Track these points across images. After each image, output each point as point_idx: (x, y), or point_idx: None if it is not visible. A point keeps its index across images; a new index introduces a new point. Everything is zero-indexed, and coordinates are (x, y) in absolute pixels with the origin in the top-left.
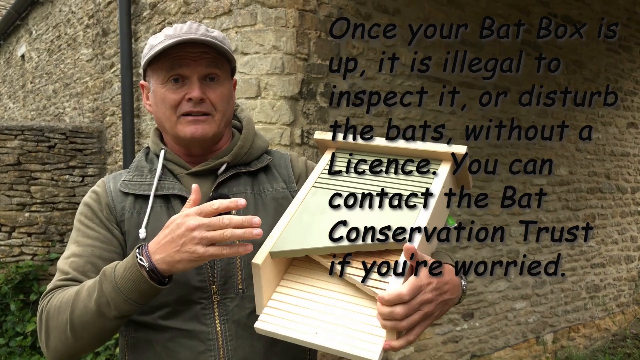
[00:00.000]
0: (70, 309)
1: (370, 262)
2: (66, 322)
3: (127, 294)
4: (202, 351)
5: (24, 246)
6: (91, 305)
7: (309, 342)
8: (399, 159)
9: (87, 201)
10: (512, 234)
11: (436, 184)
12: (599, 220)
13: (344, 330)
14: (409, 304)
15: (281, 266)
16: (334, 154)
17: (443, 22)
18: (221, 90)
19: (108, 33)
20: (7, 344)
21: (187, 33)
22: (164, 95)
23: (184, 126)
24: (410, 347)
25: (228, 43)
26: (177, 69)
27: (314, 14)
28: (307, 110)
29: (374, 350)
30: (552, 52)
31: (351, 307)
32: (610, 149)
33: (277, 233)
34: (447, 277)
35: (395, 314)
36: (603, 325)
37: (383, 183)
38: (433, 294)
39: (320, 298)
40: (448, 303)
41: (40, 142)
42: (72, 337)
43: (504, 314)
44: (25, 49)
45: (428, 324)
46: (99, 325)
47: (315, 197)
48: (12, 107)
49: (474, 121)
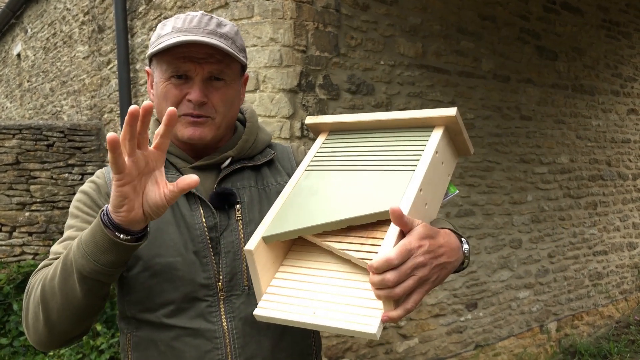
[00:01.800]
0: (43, 279)
1: (364, 235)
2: (40, 294)
3: (85, 248)
4: (209, 350)
5: (25, 246)
6: (58, 268)
7: (307, 323)
8: (390, 131)
9: (86, 189)
10: (515, 223)
11: (427, 148)
12: (600, 207)
13: (342, 307)
14: (400, 269)
15: (278, 251)
16: (327, 138)
17: (441, 11)
18: (225, 92)
19: (104, 29)
20: (11, 343)
21: (196, 28)
22: (165, 90)
23: (183, 126)
24: (414, 338)
25: (240, 39)
26: (181, 68)
27: (311, 5)
28: (306, 102)
29: (373, 324)
30: (551, 40)
31: (349, 283)
32: (611, 136)
33: (269, 218)
34: (441, 239)
35: (387, 280)
36: (606, 312)
37: (376, 157)
38: (426, 257)
39: (318, 279)
40: (446, 267)
41: (38, 140)
42: (43, 309)
43: (508, 303)
44: (21, 48)
45: (426, 290)
46: (65, 291)
47: (308, 180)
48: (10, 106)
49: (475, 110)
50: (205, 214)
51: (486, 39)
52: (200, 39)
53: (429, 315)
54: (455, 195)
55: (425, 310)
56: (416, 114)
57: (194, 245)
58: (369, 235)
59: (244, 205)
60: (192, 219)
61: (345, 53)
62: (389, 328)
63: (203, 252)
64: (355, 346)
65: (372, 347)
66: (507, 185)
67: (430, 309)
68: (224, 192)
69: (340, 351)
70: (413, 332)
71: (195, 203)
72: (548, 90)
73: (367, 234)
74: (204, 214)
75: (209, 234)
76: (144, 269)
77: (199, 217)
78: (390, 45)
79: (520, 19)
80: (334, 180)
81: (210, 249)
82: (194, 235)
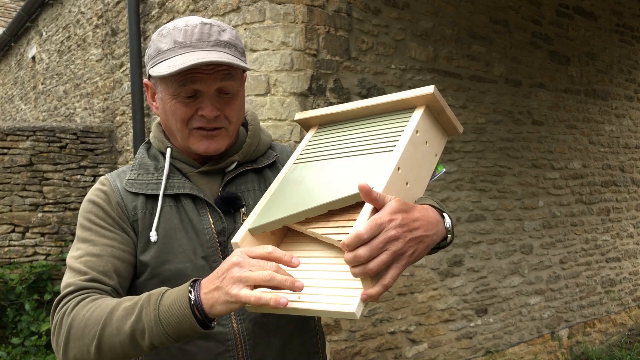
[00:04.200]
0: (101, 325)
1: (345, 218)
2: (93, 337)
3: (167, 329)
4: (221, 352)
5: (38, 246)
6: (125, 329)
7: (293, 308)
8: (375, 117)
9: (96, 200)
10: (526, 228)
11: (407, 128)
12: (613, 213)
13: (325, 290)
14: (371, 244)
15: (269, 244)
16: (316, 132)
17: (453, 16)
18: (235, 102)
19: (117, 33)
20: (22, 343)
21: (200, 41)
22: (174, 108)
23: (197, 140)
24: (424, 344)
25: (240, 42)
26: (190, 85)
27: (322, 9)
28: (316, 106)
29: (352, 303)
30: (563, 44)
31: (332, 267)
32: (625, 142)
33: (256, 211)
34: (417, 213)
35: (359, 256)
36: (619, 320)
37: (359, 142)
38: (398, 230)
39: (305, 266)
40: (423, 241)
41: (51, 142)
42: (96, 353)
43: (518, 309)
44: (36, 51)
45: (403, 265)
46: (127, 350)
47: (294, 172)
48: (24, 108)
49: (486, 115)
50: (214, 218)
51: (498, 43)
52: (210, 58)
53: (438, 320)
54: (444, 173)
55: (434, 315)
56: (397, 96)
57: (203, 250)
58: (350, 218)
59: (249, 209)
60: (201, 224)
61: (356, 57)
62: (398, 332)
63: (213, 256)
64: (364, 350)
65: (380, 351)
66: (518, 191)
67: (440, 314)
68: (230, 196)
69: (349, 355)
70: (422, 337)
71: (202, 208)
72: (560, 95)
73: (347, 217)
74: (212, 219)
75: (218, 239)
76: (153, 275)
77: (208, 222)
78: (401, 49)
79: (532, 23)
80: (318, 170)
81: (219, 253)
82: (203, 240)
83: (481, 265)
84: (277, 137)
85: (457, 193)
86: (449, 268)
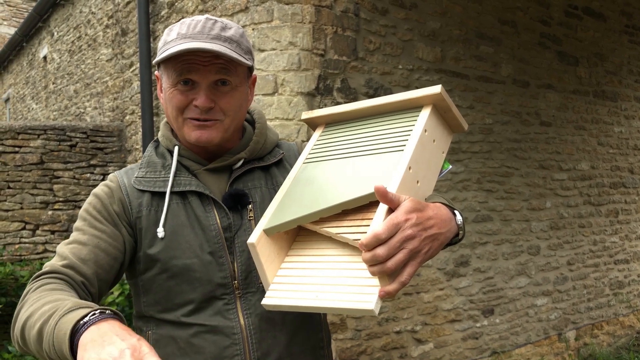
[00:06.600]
0: (29, 313)
1: (359, 217)
2: (23, 322)
3: (54, 343)
4: (228, 345)
5: (48, 243)
6: (37, 327)
7: (310, 307)
8: (382, 116)
9: (98, 193)
10: (533, 229)
11: (416, 128)
12: (622, 215)
13: (341, 288)
14: (389, 244)
15: (282, 243)
16: (323, 131)
17: (461, 16)
18: (232, 95)
19: (127, 33)
20: None
21: (200, 34)
22: (172, 96)
23: (190, 129)
24: (429, 343)
25: (246, 40)
26: (186, 74)
27: (330, 9)
28: (324, 106)
29: (371, 300)
30: (572, 45)
31: (348, 265)
32: (634, 143)
33: (270, 211)
34: (430, 212)
35: (378, 256)
36: (627, 322)
37: (368, 141)
38: (414, 229)
39: (320, 264)
40: (437, 238)
41: (62, 141)
42: (21, 340)
43: (525, 310)
44: (47, 51)
45: (419, 262)
46: (36, 346)
47: (305, 172)
48: (35, 107)
49: (493, 115)
50: (220, 214)
51: (506, 44)
52: (203, 46)
53: (444, 320)
54: (450, 170)
55: (440, 315)
56: (404, 96)
57: (210, 246)
58: (364, 217)
59: (255, 205)
60: (207, 220)
61: (364, 57)
62: (404, 332)
63: (219, 252)
64: (370, 349)
65: (386, 350)
66: (525, 191)
67: (446, 314)
68: (237, 192)
69: (354, 354)
70: (428, 337)
71: (209, 204)
72: (569, 96)
73: (361, 216)
74: (218, 215)
75: (224, 234)
76: (161, 271)
77: (214, 218)
78: (408, 49)
79: (541, 24)
80: (329, 169)
81: (225, 249)
82: (209, 236)
83: (488, 265)
84: (284, 136)
85: (464, 193)
86: (456, 268)
